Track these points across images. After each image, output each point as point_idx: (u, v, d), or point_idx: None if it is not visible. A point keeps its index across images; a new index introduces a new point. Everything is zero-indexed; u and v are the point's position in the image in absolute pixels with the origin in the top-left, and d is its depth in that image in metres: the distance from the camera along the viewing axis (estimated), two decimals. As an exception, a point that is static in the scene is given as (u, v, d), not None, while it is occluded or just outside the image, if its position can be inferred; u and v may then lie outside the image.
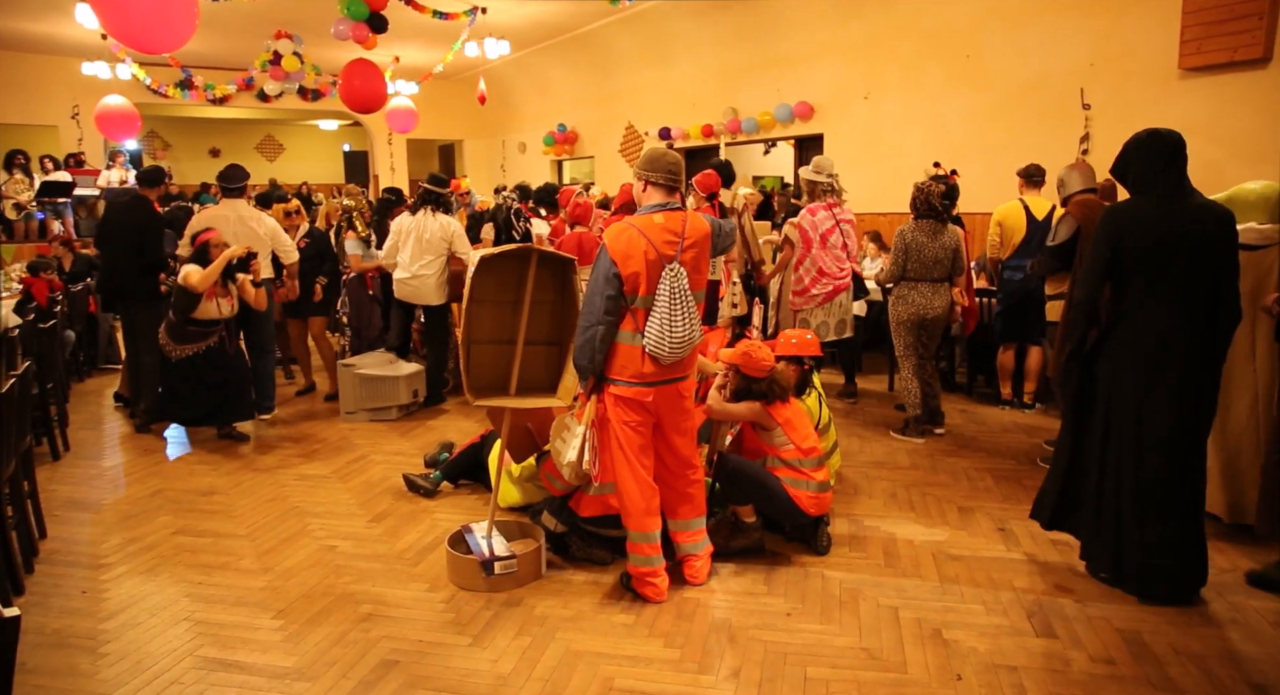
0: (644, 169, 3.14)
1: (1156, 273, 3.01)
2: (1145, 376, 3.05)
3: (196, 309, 5.00)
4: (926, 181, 5.21)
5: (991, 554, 3.57)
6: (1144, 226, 3.00)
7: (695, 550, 3.34)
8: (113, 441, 5.45)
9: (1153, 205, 3.03)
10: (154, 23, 4.33)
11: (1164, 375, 3.02)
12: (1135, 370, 3.07)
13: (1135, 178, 3.12)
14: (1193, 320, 3.00)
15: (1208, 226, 2.97)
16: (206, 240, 5.06)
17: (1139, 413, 3.07)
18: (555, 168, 15.24)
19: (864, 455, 4.93)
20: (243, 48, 11.34)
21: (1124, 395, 3.10)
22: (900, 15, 8.21)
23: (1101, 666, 2.71)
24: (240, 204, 5.65)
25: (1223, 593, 3.18)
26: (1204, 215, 2.98)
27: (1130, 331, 3.09)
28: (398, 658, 2.82)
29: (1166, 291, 3.01)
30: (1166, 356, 3.01)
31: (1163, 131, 3.07)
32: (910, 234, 5.04)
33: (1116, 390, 3.12)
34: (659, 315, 2.98)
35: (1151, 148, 3.06)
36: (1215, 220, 2.99)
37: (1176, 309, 3.01)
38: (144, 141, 17.17)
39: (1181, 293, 3.00)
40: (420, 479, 4.36)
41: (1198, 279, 2.98)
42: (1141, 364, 3.06)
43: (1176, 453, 3.04)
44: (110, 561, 3.60)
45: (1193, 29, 5.94)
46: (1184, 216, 2.98)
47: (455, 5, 8.81)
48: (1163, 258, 2.98)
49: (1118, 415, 3.13)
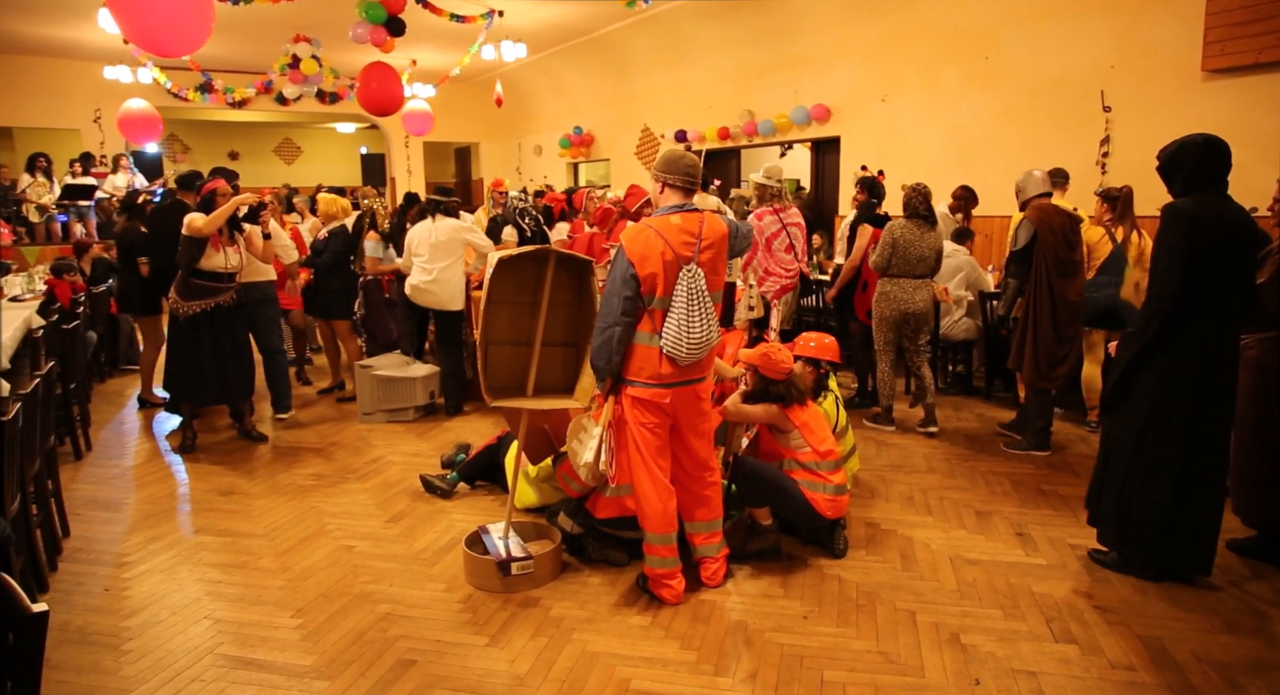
0: (662, 171, 3.15)
1: (1218, 267, 3.10)
2: (1204, 368, 3.16)
3: (202, 258, 4.92)
4: (918, 184, 5.40)
5: (1010, 558, 3.55)
6: (1211, 223, 3.10)
7: (711, 553, 3.34)
8: (134, 441, 5.52)
9: (1214, 204, 3.14)
10: (170, 25, 4.38)
11: (1218, 366, 3.16)
12: (1196, 363, 3.17)
13: (1188, 177, 3.20)
14: (1234, 313, 3.17)
15: (1246, 225, 3.15)
16: (214, 188, 5.01)
17: (1195, 401, 3.17)
18: (571, 170, 15.29)
19: (881, 458, 4.90)
20: (262, 51, 11.46)
21: (1180, 387, 3.18)
22: (918, 16, 8.17)
23: (1122, 673, 2.69)
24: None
25: (1246, 599, 3.14)
26: (1241, 217, 3.16)
27: (1194, 326, 3.15)
28: (415, 657, 2.84)
29: (1221, 286, 3.12)
30: (1219, 348, 3.16)
31: (1215, 139, 3.18)
32: (899, 230, 5.23)
33: (1172, 382, 3.19)
34: (676, 316, 2.97)
35: (1208, 151, 3.17)
36: (1249, 222, 3.18)
37: (1226, 303, 3.15)
38: (164, 145, 17.36)
39: (1229, 287, 3.14)
40: (437, 480, 4.38)
41: (1239, 274, 3.16)
42: (1203, 357, 3.17)
43: (1222, 435, 3.23)
44: (132, 560, 3.64)
45: (1216, 30, 5.87)
46: (1234, 216, 3.14)
47: (472, 8, 8.86)
48: (1223, 254, 3.10)
49: (1172, 404, 3.20)
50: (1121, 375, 3.30)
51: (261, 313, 5.64)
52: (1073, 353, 4.81)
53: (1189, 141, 3.21)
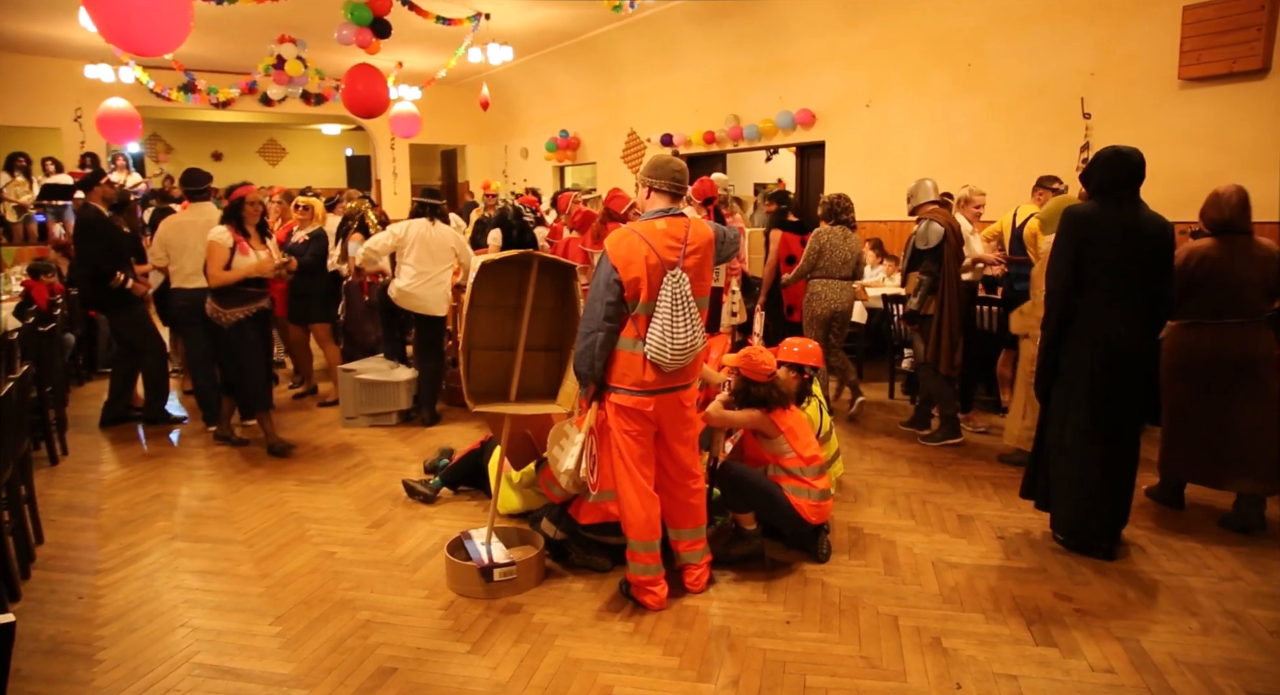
0: (648, 176, 3.14)
1: (1110, 269, 3.42)
2: (1103, 359, 3.47)
3: (231, 262, 4.82)
4: (839, 194, 5.83)
5: (991, 562, 3.56)
6: (1098, 226, 3.42)
7: (695, 560, 3.33)
8: (111, 446, 5.44)
9: (1108, 209, 3.44)
10: (147, 24, 4.32)
11: (1120, 353, 3.46)
12: (1094, 355, 3.48)
13: (1098, 184, 3.51)
14: (1137, 312, 3.47)
15: (1151, 232, 3.42)
16: (242, 196, 4.92)
17: (1097, 394, 3.49)
18: (557, 173, 15.27)
19: (865, 463, 4.92)
20: (246, 51, 11.38)
21: (1083, 378, 3.51)
22: (903, 22, 8.23)
23: (1101, 675, 2.70)
24: (208, 207, 5.56)
25: (1222, 602, 3.17)
26: (1149, 225, 3.43)
27: (1088, 322, 3.49)
28: (396, 665, 2.81)
29: (1117, 287, 3.43)
30: (1117, 343, 3.46)
31: (1126, 150, 3.45)
32: (825, 236, 5.65)
33: (1075, 373, 3.53)
34: (661, 321, 2.95)
35: (1115, 161, 3.45)
36: (1159, 229, 3.44)
37: (1124, 302, 3.45)
38: (146, 145, 17.19)
39: (1128, 288, 3.44)
40: (419, 485, 4.35)
41: (1142, 276, 3.43)
42: (1100, 350, 3.47)
43: (1129, 424, 3.55)
44: (107, 567, 3.59)
45: (1192, 40, 5.96)
46: (1132, 222, 3.42)
47: (459, 11, 8.84)
48: (1115, 256, 3.41)
49: (1079, 396, 3.53)
50: (1040, 365, 3.68)
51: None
52: (966, 342, 5.33)
53: (1101, 152, 3.52)
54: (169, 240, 5.46)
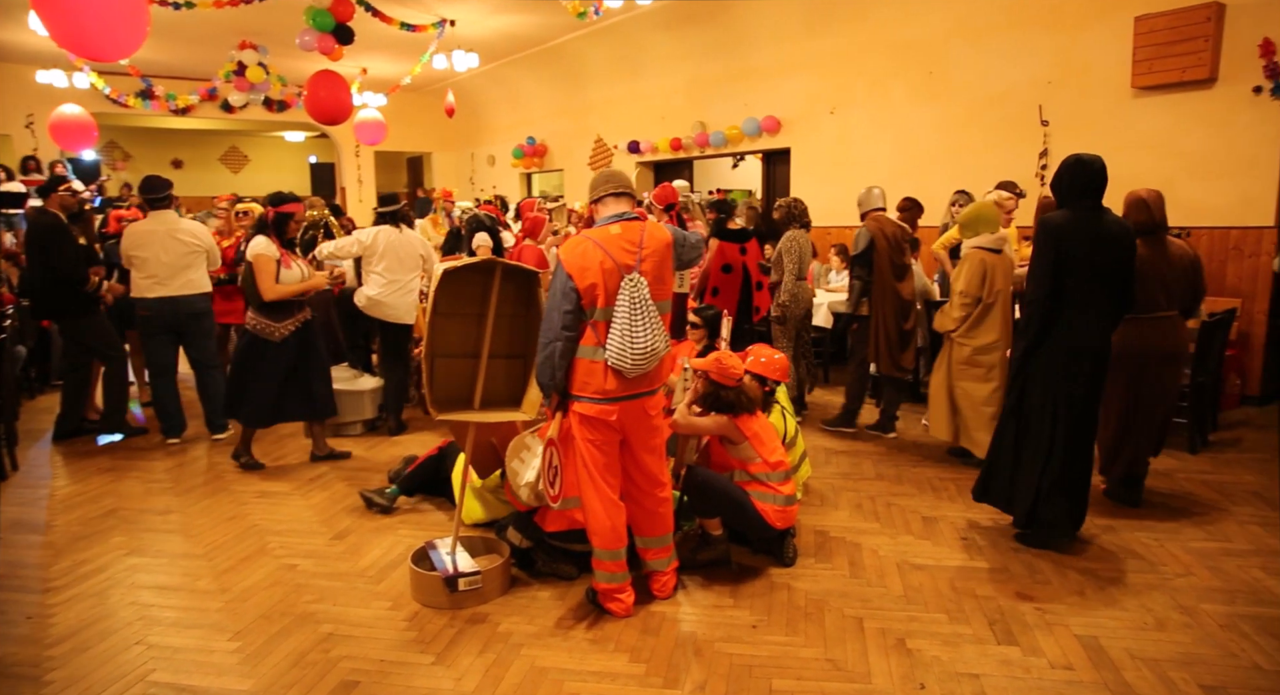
0: (594, 190, 3.16)
1: (1082, 275, 3.52)
2: (1078, 363, 3.58)
3: (279, 275, 4.71)
4: (793, 198, 6.04)
5: (954, 562, 3.61)
6: (1071, 234, 3.53)
7: (661, 567, 3.32)
8: (64, 460, 5.30)
9: (1078, 217, 3.55)
10: (101, 28, 4.22)
11: (1086, 356, 3.59)
12: (1070, 359, 3.59)
13: (1066, 192, 3.62)
14: (1105, 315, 3.61)
15: (1117, 236, 3.56)
16: (293, 211, 4.81)
17: (1075, 396, 3.60)
18: (525, 181, 15.23)
19: (830, 467, 4.96)
20: (206, 57, 11.20)
21: (1054, 379, 3.61)
22: (866, 31, 8.35)
23: (1061, 672, 2.75)
24: (169, 216, 5.45)
25: (1176, 597, 3.24)
26: (1114, 229, 3.56)
27: (1064, 328, 3.58)
28: (358, 678, 2.77)
29: (1089, 291, 3.54)
30: (1090, 346, 3.59)
31: (1089, 158, 3.57)
32: (800, 239, 5.86)
33: (1049, 375, 3.63)
34: (620, 326, 2.92)
35: (1078, 168, 3.57)
36: (1123, 233, 3.59)
37: (1095, 306, 3.57)
38: (103, 152, 16.83)
39: (1097, 292, 3.55)
40: (376, 496, 4.28)
41: (1109, 280, 3.56)
42: (1075, 354, 3.58)
43: (1090, 420, 3.68)
44: (58, 585, 3.49)
45: (1144, 49, 6.12)
46: (1099, 229, 3.54)
47: (423, 17, 8.80)
48: (1087, 262, 3.51)
49: (1050, 397, 3.64)
50: (1015, 370, 3.76)
51: (196, 325, 5.48)
52: (912, 344, 5.52)
53: (1066, 161, 3.63)
54: (131, 248, 5.36)
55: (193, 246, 5.41)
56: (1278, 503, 4.21)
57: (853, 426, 5.65)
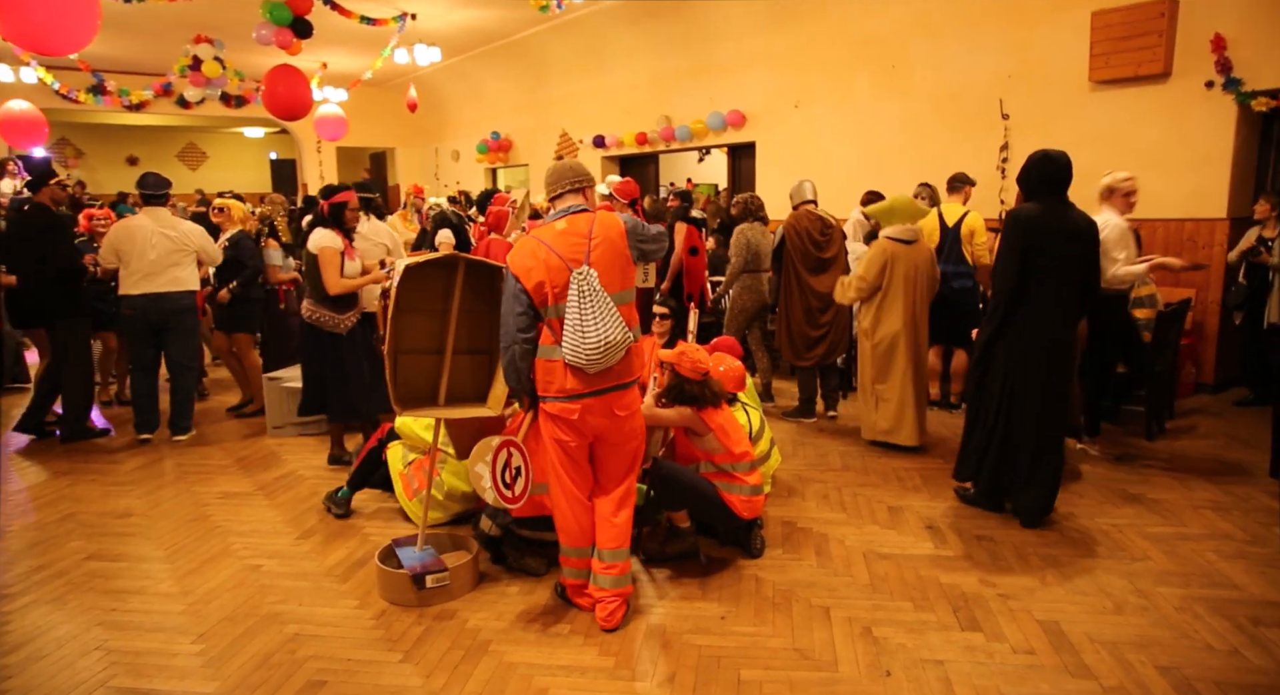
0: (548, 186, 3.10)
1: (1050, 267, 3.65)
2: (1038, 347, 3.74)
3: (344, 267, 4.63)
4: (750, 193, 6.20)
5: (920, 551, 3.66)
6: (1039, 227, 3.66)
7: (607, 584, 3.05)
8: (20, 463, 5.17)
9: (1046, 210, 3.69)
10: (50, 22, 4.11)
11: (1049, 345, 3.75)
12: (1032, 343, 3.75)
13: (1033, 186, 3.76)
14: (1073, 306, 3.76)
15: (1082, 228, 3.71)
16: (345, 201, 4.68)
17: (1032, 377, 3.76)
18: (489, 175, 15.13)
19: (798, 458, 5.00)
20: (160, 52, 10.95)
21: (1021, 365, 3.78)
22: (828, 25, 8.41)
23: (1023, 656, 2.80)
24: (162, 213, 5.41)
25: (1134, 581, 3.32)
26: (1080, 220, 3.71)
27: (1035, 319, 3.73)
28: (325, 678, 2.74)
29: (1058, 283, 3.67)
30: (1059, 336, 3.75)
31: (1054, 153, 3.70)
32: (751, 232, 5.94)
33: (1015, 361, 3.79)
34: (570, 321, 2.83)
35: (1044, 163, 3.71)
36: (1088, 225, 3.74)
37: (1063, 297, 3.70)
38: (54, 149, 16.39)
39: (1065, 284, 3.69)
40: (332, 505, 4.19)
41: (1076, 272, 3.70)
42: (1047, 344, 3.74)
43: (1059, 401, 3.84)
44: (14, 591, 3.40)
45: (1101, 44, 6.24)
46: (1065, 222, 3.68)
47: (384, 11, 8.68)
48: (1055, 255, 3.65)
49: (1017, 381, 3.81)
50: (979, 357, 3.93)
51: (178, 323, 5.38)
52: (828, 336, 5.61)
53: (1031, 156, 3.76)
54: (118, 243, 5.24)
55: (180, 245, 5.35)
56: (1230, 488, 4.33)
57: (811, 416, 5.79)
